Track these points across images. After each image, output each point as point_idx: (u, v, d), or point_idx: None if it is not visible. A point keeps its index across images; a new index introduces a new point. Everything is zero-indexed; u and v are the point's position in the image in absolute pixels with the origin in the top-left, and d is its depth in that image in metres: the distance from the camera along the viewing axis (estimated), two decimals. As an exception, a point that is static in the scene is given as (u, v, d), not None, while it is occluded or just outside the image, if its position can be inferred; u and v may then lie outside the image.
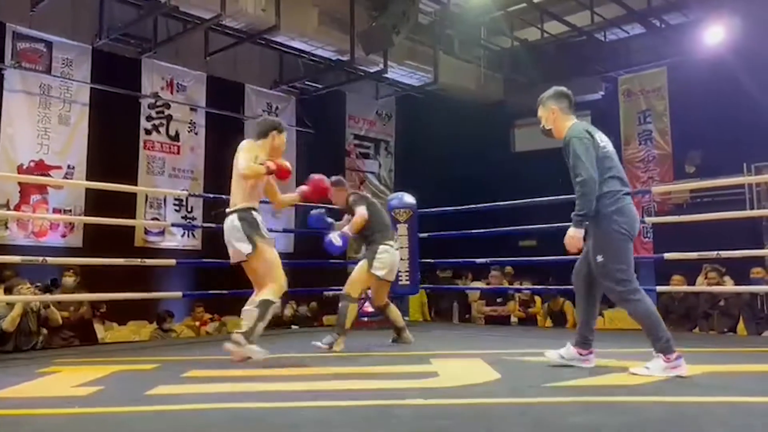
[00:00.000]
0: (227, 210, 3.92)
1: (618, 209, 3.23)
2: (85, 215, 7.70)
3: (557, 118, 3.44)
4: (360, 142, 11.16)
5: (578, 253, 3.42)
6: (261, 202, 4.05)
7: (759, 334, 6.61)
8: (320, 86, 10.10)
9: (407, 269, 6.82)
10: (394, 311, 4.97)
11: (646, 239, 9.69)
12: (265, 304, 3.71)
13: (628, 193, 3.32)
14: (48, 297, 5.83)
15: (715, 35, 8.57)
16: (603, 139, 3.39)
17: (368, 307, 9.14)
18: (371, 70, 9.38)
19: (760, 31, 8.19)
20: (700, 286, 6.89)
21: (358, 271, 4.70)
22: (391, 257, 4.73)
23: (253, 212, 3.85)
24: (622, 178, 3.33)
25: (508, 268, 8.86)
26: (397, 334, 4.93)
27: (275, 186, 4.22)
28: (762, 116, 8.06)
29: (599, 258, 3.22)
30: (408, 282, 6.83)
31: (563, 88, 3.53)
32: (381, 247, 4.70)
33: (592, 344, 3.40)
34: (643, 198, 9.66)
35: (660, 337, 3.10)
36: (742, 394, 2.68)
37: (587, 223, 3.29)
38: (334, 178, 4.79)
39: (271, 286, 3.77)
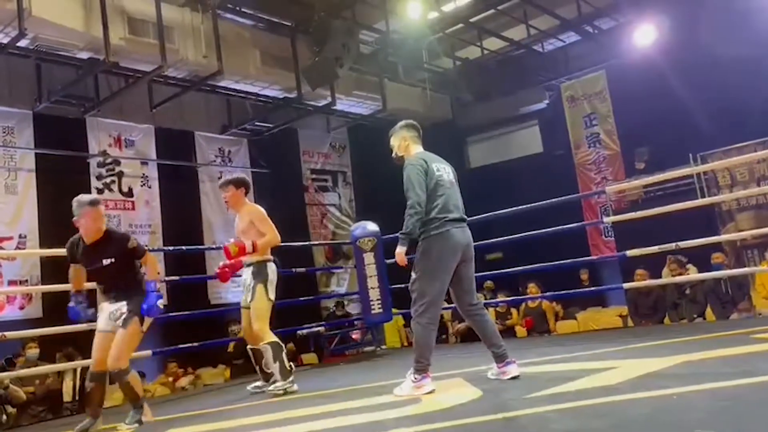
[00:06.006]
0: None
1: (440, 234, 3.44)
2: (43, 284, 7.45)
3: (408, 146, 3.78)
4: (317, 176, 11.15)
5: (407, 268, 3.59)
6: None
7: (727, 318, 6.78)
8: (271, 125, 10.08)
9: (379, 297, 6.79)
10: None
11: (608, 238, 9.88)
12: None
13: (455, 219, 3.50)
14: (11, 373, 5.60)
15: (645, 35, 8.89)
16: (440, 168, 3.62)
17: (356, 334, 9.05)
18: (320, 104, 9.42)
19: (687, 27, 8.54)
20: (666, 277, 7.06)
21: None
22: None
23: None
24: (449, 205, 3.51)
25: (489, 283, 8.89)
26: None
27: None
28: (700, 107, 8.35)
29: (413, 274, 3.46)
30: (381, 310, 6.80)
31: (412, 121, 3.90)
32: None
33: (503, 356, 3.54)
34: (599, 198, 9.87)
35: (420, 362, 3.37)
36: (717, 380, 2.72)
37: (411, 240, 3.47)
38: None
39: None
